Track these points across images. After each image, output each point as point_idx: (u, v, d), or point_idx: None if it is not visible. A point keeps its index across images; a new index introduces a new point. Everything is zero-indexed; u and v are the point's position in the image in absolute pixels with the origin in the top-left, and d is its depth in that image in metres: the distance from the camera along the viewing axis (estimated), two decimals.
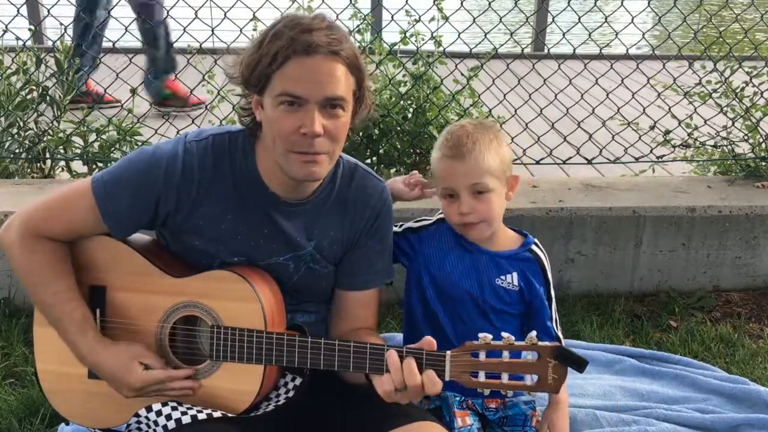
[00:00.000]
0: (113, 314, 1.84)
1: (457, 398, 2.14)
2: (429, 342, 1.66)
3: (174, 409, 1.73)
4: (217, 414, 1.74)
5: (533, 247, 2.15)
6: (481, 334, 1.65)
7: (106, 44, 3.55)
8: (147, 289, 1.81)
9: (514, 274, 2.12)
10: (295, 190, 1.83)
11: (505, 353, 1.62)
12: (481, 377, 1.63)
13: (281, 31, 1.65)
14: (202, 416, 1.72)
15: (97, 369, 1.79)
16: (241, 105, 1.82)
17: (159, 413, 1.73)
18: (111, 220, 1.78)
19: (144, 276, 1.82)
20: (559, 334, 2.15)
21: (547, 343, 1.63)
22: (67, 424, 2.31)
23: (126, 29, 3.39)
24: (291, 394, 1.87)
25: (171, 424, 1.70)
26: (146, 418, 1.74)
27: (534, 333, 1.65)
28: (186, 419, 1.70)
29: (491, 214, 2.05)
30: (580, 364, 1.60)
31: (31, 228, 1.80)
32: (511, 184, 2.11)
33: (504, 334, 1.64)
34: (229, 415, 1.76)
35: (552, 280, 2.15)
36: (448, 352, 1.64)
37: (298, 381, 1.88)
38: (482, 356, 1.63)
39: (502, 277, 2.11)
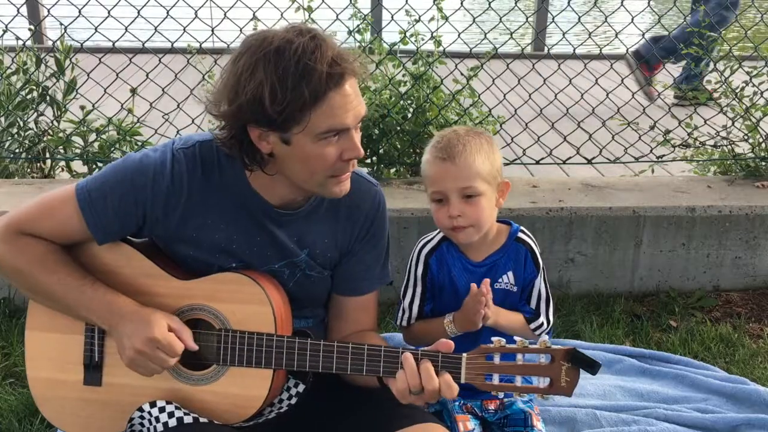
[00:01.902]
0: None
1: (456, 402, 2.14)
2: (446, 344, 1.66)
3: (177, 408, 1.72)
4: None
5: (520, 234, 2.14)
6: (494, 338, 1.66)
7: (105, 44, 3.54)
8: (152, 291, 1.78)
9: (510, 273, 2.11)
10: (290, 200, 1.81)
11: (519, 356, 1.64)
12: (495, 380, 1.65)
13: (311, 67, 1.57)
14: (203, 419, 1.71)
15: (128, 318, 1.70)
16: (220, 137, 1.72)
17: (162, 409, 1.72)
18: (95, 227, 1.75)
19: (149, 278, 1.79)
20: (542, 314, 2.13)
21: (560, 347, 1.65)
22: None
23: (126, 29, 3.39)
24: (294, 401, 1.86)
25: (172, 422, 1.70)
26: (149, 413, 1.72)
27: (546, 337, 1.67)
28: (188, 419, 1.70)
29: (480, 219, 2.01)
30: (592, 367, 1.62)
31: (13, 229, 1.75)
32: (501, 191, 2.07)
33: (517, 338, 1.66)
34: (232, 423, 1.75)
35: (542, 261, 2.15)
36: (464, 355, 1.65)
37: (300, 387, 1.87)
38: (496, 359, 1.65)
39: (499, 280, 2.11)
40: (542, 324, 2.12)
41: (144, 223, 1.77)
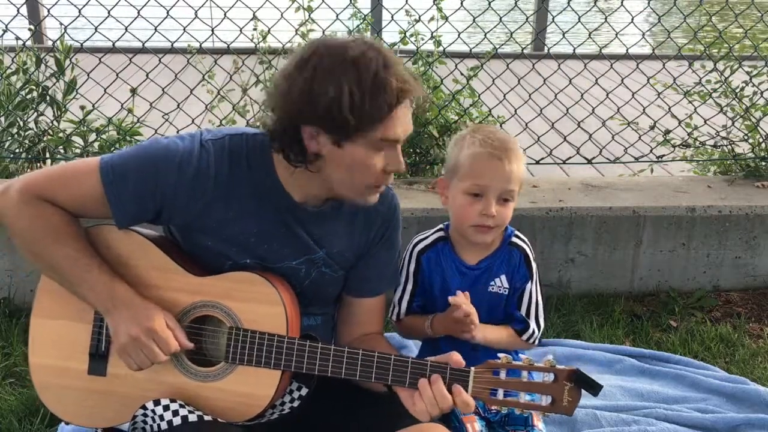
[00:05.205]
0: None
1: None
2: (457, 360, 1.68)
3: (182, 406, 1.72)
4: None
5: (514, 239, 2.13)
6: (501, 354, 1.69)
7: (105, 44, 3.54)
8: (165, 286, 1.78)
9: (503, 277, 2.11)
10: (314, 199, 1.82)
11: (524, 373, 1.67)
12: (500, 395, 1.68)
13: (388, 81, 1.64)
14: (208, 418, 1.71)
15: (127, 305, 1.71)
16: (271, 127, 1.73)
17: (166, 408, 1.71)
18: (114, 201, 1.73)
19: (164, 272, 1.78)
20: (532, 320, 2.12)
21: (564, 367, 1.68)
22: (68, 423, 2.30)
23: (126, 29, 3.39)
24: (296, 404, 1.86)
25: (177, 420, 1.69)
26: (152, 411, 1.72)
27: (551, 356, 1.69)
28: (193, 417, 1.69)
29: (506, 222, 2.04)
30: (595, 388, 1.64)
31: (33, 191, 1.73)
32: None
33: (522, 355, 1.69)
34: (236, 421, 1.75)
35: (535, 266, 2.14)
36: (473, 369, 1.68)
37: (303, 391, 1.87)
38: (503, 375, 1.68)
39: (492, 283, 2.11)
40: (533, 332, 2.11)
41: (162, 208, 1.76)
